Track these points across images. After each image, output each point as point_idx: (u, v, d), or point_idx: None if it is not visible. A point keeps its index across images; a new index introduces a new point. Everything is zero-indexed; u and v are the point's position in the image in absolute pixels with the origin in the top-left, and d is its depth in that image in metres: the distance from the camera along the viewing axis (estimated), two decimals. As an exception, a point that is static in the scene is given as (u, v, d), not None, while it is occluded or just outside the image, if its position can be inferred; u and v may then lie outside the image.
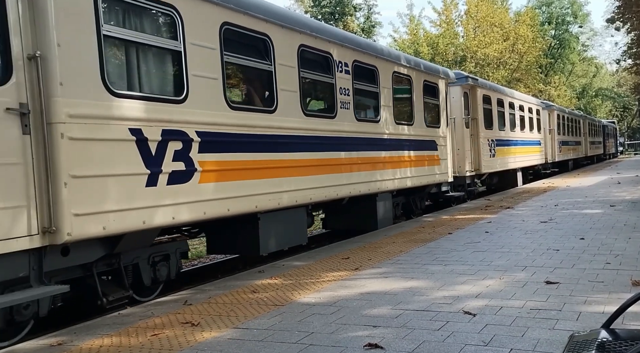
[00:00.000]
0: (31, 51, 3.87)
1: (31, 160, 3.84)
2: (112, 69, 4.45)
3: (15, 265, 3.79)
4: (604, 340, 1.55)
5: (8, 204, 3.67)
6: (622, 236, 6.43)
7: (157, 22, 4.89)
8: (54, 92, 3.93)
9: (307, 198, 6.63)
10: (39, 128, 3.88)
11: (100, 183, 4.20)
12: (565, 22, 48.50)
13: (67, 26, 4.00)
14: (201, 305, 4.36)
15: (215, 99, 5.33)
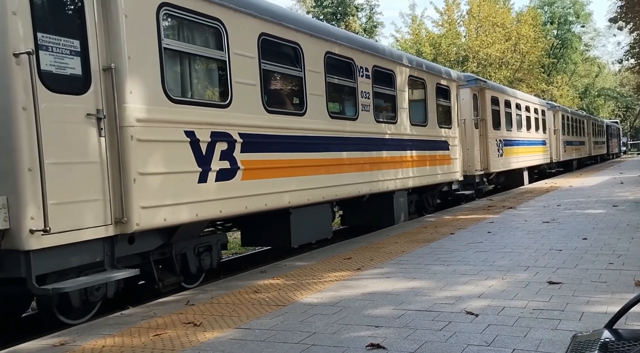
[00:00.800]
0: (106, 64, 4.44)
1: (105, 159, 4.41)
2: (170, 77, 5.01)
3: (93, 251, 4.38)
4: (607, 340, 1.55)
5: (88, 197, 4.25)
6: (625, 237, 6.42)
7: (205, 34, 5.47)
8: (125, 99, 4.50)
9: (332, 194, 7.17)
10: (113, 131, 4.45)
11: (161, 180, 4.76)
12: (568, 21, 48.44)
13: (135, 41, 4.57)
14: (203, 305, 4.37)
15: (254, 104, 5.90)
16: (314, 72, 6.87)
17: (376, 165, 8.17)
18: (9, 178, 3.90)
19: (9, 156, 3.89)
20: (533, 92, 31.98)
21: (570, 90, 45.68)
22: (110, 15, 4.45)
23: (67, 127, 4.16)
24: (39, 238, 3.93)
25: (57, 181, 4.03)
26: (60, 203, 4.06)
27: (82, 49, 4.30)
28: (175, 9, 5.00)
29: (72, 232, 4.14)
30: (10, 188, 3.90)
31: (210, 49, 5.49)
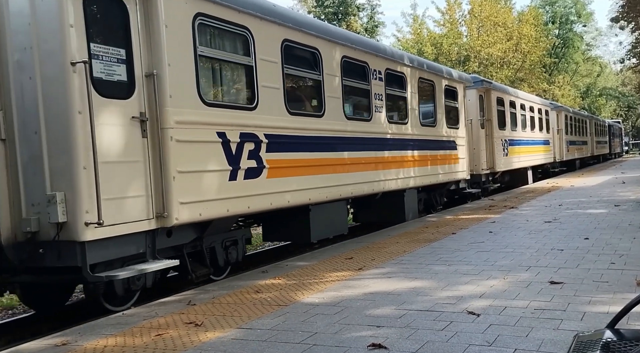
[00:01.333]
0: (148, 70, 4.85)
1: (148, 158, 4.82)
2: (203, 82, 5.42)
3: (137, 243, 4.77)
4: (609, 340, 1.55)
5: (133, 193, 4.65)
6: (626, 236, 6.42)
7: (234, 41, 5.90)
8: (166, 103, 4.91)
9: (348, 192, 7.57)
10: (154, 132, 4.85)
11: (197, 177, 5.17)
12: (569, 21, 48.44)
13: (174, 49, 4.99)
14: (205, 305, 4.38)
15: (278, 106, 6.32)
16: (331, 76, 7.30)
17: (389, 164, 8.59)
18: (66, 175, 4.31)
19: (67, 156, 4.30)
20: (534, 92, 31.98)
21: (572, 90, 45.62)
22: (152, 26, 4.87)
23: (115, 129, 4.58)
24: (93, 230, 4.33)
25: (108, 178, 4.44)
26: (111, 198, 4.47)
27: (127, 57, 4.73)
28: (208, 18, 5.41)
29: (121, 225, 4.55)
30: (67, 185, 4.30)
31: (239, 55, 5.92)
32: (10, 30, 4.38)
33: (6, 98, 4.40)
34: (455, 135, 11.25)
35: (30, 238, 4.38)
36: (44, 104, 4.33)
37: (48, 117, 4.33)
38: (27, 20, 4.31)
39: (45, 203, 4.30)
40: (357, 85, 8.02)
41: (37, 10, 4.29)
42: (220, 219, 5.53)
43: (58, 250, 4.34)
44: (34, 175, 4.37)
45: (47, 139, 4.35)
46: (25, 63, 4.35)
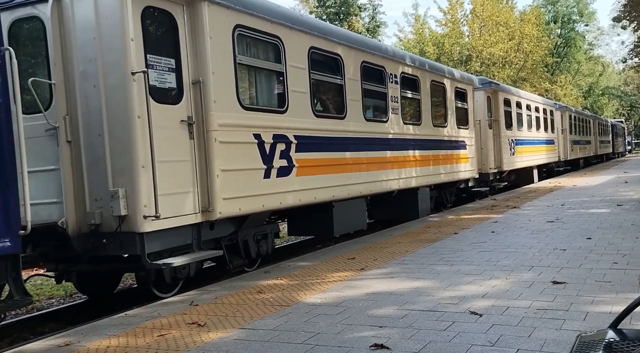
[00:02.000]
0: (195, 78, 5.39)
1: (194, 158, 5.36)
2: (241, 88, 5.94)
3: (186, 234, 5.31)
4: (612, 340, 1.55)
5: (182, 190, 5.20)
6: (629, 236, 6.42)
7: (267, 49, 6.44)
8: (210, 107, 5.44)
9: (368, 190, 8.11)
10: (200, 134, 5.39)
11: (237, 175, 5.70)
12: (571, 20, 48.49)
13: (217, 58, 5.52)
14: (207, 305, 4.40)
15: (305, 109, 6.85)
16: (352, 80, 7.82)
17: (404, 163, 9.15)
18: (127, 173, 4.83)
19: (128, 156, 4.82)
20: (537, 92, 31.99)
21: (574, 89, 45.55)
22: (198, 37, 5.41)
23: (167, 131, 5.12)
24: (151, 223, 4.86)
25: (163, 176, 4.97)
26: (166, 194, 5.01)
27: (177, 66, 5.28)
28: (245, 29, 5.97)
29: (173, 218, 5.10)
30: (128, 182, 4.82)
31: (271, 62, 6.46)
32: (77, 44, 4.93)
33: (72, 105, 4.96)
34: (464, 135, 11.79)
35: (93, 229, 4.93)
36: (107, 110, 4.87)
37: (111, 121, 4.87)
38: (92, 35, 4.86)
39: (108, 198, 4.85)
40: (375, 88, 8.53)
41: (102, 25, 4.83)
42: (256, 214, 6.11)
43: (120, 241, 4.87)
44: (97, 173, 4.92)
45: (109, 140, 4.88)
46: (90, 73, 4.90)
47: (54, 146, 4.91)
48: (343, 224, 7.61)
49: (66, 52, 4.96)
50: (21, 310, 6.71)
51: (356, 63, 7.97)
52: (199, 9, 5.39)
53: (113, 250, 4.92)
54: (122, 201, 4.79)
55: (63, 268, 5.41)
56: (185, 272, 5.58)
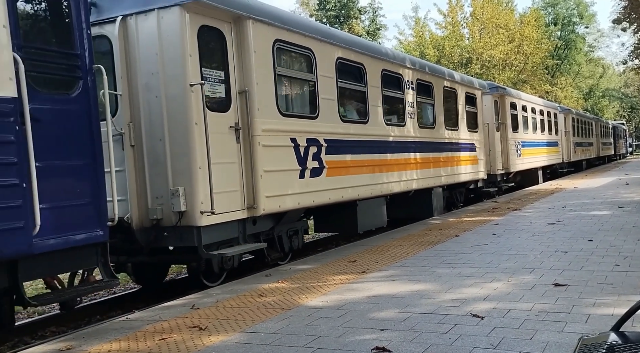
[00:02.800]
0: (241, 88, 6.08)
1: (240, 160, 6.02)
2: (280, 96, 6.61)
3: (234, 229, 6.00)
4: (614, 342, 1.55)
5: (232, 188, 5.88)
6: (630, 238, 6.43)
7: (301, 61, 7.14)
8: (255, 114, 6.11)
9: (388, 189, 8.79)
10: (246, 139, 6.07)
11: (277, 176, 6.35)
12: (572, 23, 48.69)
13: (260, 70, 6.21)
14: (208, 309, 4.40)
15: (333, 115, 7.54)
16: (374, 87, 8.50)
17: (420, 165, 9.82)
18: (185, 173, 5.50)
19: (187, 158, 5.49)
20: (537, 94, 32.02)
21: (575, 91, 45.58)
22: (244, 52, 6.10)
23: (218, 136, 5.78)
24: (207, 218, 5.54)
25: (216, 176, 5.64)
26: (219, 192, 5.66)
27: (226, 78, 5.97)
28: (283, 43, 6.66)
29: (225, 214, 5.77)
30: (186, 181, 5.49)
31: (304, 73, 7.18)
32: (141, 59, 5.60)
33: (135, 113, 5.60)
34: (475, 138, 12.52)
35: (155, 224, 5.58)
36: (167, 117, 5.53)
37: (171, 128, 5.53)
38: (154, 51, 5.53)
39: (169, 196, 5.50)
40: (394, 94, 9.23)
41: (163, 43, 5.51)
42: (293, 211, 6.80)
43: (180, 234, 5.55)
44: (158, 174, 5.56)
45: (170, 145, 5.55)
46: (153, 85, 5.56)
47: (119, 149, 5.51)
48: (366, 221, 8.30)
49: (131, 66, 5.63)
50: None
51: (377, 71, 8.66)
52: (244, 26, 6.10)
53: (173, 242, 5.64)
54: (181, 199, 5.46)
55: (124, 260, 5.98)
56: (230, 263, 6.23)
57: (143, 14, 5.55)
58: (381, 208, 8.83)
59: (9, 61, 3.78)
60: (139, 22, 5.58)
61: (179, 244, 5.63)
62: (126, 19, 5.61)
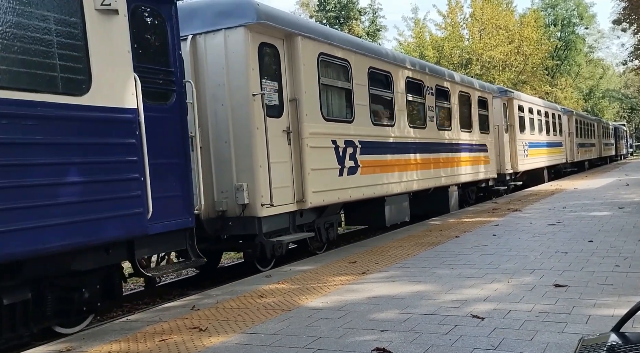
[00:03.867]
0: (292, 97, 7.02)
1: (291, 160, 6.96)
2: (323, 103, 7.55)
3: (286, 220, 6.91)
4: (614, 343, 1.55)
5: (283, 184, 6.79)
6: (631, 239, 6.44)
7: (339, 71, 8.08)
8: (303, 119, 7.06)
9: (411, 187, 9.73)
10: (296, 141, 7.02)
11: (321, 173, 7.29)
12: (571, 23, 48.98)
13: (308, 80, 7.17)
14: (208, 310, 4.41)
15: (366, 119, 8.47)
16: (399, 93, 9.48)
17: (439, 164, 10.77)
18: (248, 171, 6.42)
19: (249, 158, 6.42)
20: (537, 95, 32.08)
21: (575, 92, 45.62)
22: (294, 65, 7.06)
23: (274, 139, 6.71)
24: (266, 209, 6.47)
25: (273, 173, 6.55)
26: (276, 187, 6.59)
27: (279, 88, 6.91)
28: (325, 56, 7.63)
29: (280, 206, 6.70)
30: (249, 178, 6.41)
31: (342, 81, 8.09)
32: (209, 72, 6.51)
33: (203, 119, 6.50)
34: (486, 139, 13.53)
35: (220, 215, 6.50)
36: (232, 123, 6.46)
37: (235, 132, 6.46)
38: (221, 66, 6.46)
39: (234, 191, 6.43)
40: (416, 99, 10.22)
41: (229, 58, 6.44)
42: (333, 205, 7.78)
43: (243, 223, 6.46)
44: (223, 171, 6.50)
45: (234, 146, 6.47)
46: (219, 95, 6.48)
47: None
48: (393, 216, 9.23)
49: (199, 78, 6.52)
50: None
51: (402, 79, 9.65)
52: (295, 42, 7.06)
53: (237, 230, 6.54)
54: (245, 193, 6.36)
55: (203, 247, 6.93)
56: (280, 250, 7.08)
57: (211, 33, 6.49)
58: (405, 204, 9.76)
59: (133, 81, 4.80)
60: (207, 40, 6.52)
61: (242, 232, 6.56)
62: (196, 37, 6.54)
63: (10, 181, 3.82)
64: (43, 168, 4.03)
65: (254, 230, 6.42)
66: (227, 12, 6.38)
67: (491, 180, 14.15)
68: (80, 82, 4.42)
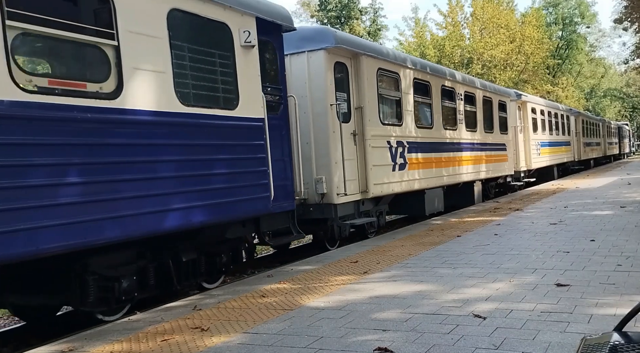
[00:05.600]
0: (357, 105, 8.67)
1: (357, 157, 8.61)
2: (380, 110, 9.15)
3: (353, 207, 8.55)
4: (616, 343, 1.56)
5: (352, 178, 8.44)
6: (633, 238, 6.45)
7: (391, 83, 9.71)
8: (366, 124, 8.70)
9: (445, 181, 11.38)
10: (360, 142, 8.65)
11: (379, 169, 8.94)
12: (573, 22, 49.32)
13: (369, 91, 8.82)
14: (210, 310, 4.42)
15: (412, 122, 10.15)
16: (436, 99, 11.17)
17: (466, 162, 12.43)
18: (326, 167, 8.07)
19: (327, 156, 8.06)
20: (538, 94, 32.09)
21: (576, 91, 45.59)
22: (359, 79, 8.72)
23: (345, 140, 8.36)
24: (341, 198, 8.15)
25: (345, 169, 8.26)
26: (348, 180, 8.28)
27: (348, 98, 8.59)
28: (382, 70, 9.29)
29: (350, 195, 8.39)
30: (326, 172, 8.05)
31: (394, 91, 9.79)
32: (293, 86, 8.02)
33: (292, 125, 7.94)
34: (505, 139, 15.23)
35: (302, 202, 8.02)
36: (313, 127, 8.10)
37: (315, 135, 8.09)
38: (304, 80, 8.10)
39: (314, 182, 8.05)
40: (449, 105, 11.90)
41: (310, 75, 8.09)
42: (387, 195, 9.43)
43: (322, 209, 8.11)
44: (306, 166, 8.02)
45: (314, 147, 8.09)
46: (302, 105, 8.04)
47: None
48: (430, 206, 10.81)
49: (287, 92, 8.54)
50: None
51: (438, 87, 11.35)
52: (360, 60, 8.77)
53: (317, 215, 8.14)
54: (323, 184, 7.97)
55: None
56: (345, 233, 8.56)
57: (296, 55, 8.11)
58: (440, 197, 11.38)
59: (261, 97, 6.47)
60: (292, 60, 8.11)
61: (320, 216, 8.18)
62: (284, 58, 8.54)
63: (209, 171, 5.54)
64: (217, 162, 5.72)
65: (330, 214, 8.10)
66: (309, 37, 8.11)
67: (509, 176, 15.95)
68: (233, 99, 6.15)
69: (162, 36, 5.16)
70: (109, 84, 4.71)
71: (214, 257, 6.15)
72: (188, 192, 5.27)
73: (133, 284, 5.10)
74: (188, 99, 5.47)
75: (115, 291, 4.92)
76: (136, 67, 4.89)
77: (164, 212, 5.01)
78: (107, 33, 4.67)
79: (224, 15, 5.94)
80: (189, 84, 5.54)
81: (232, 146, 5.94)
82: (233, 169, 5.89)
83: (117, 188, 4.58)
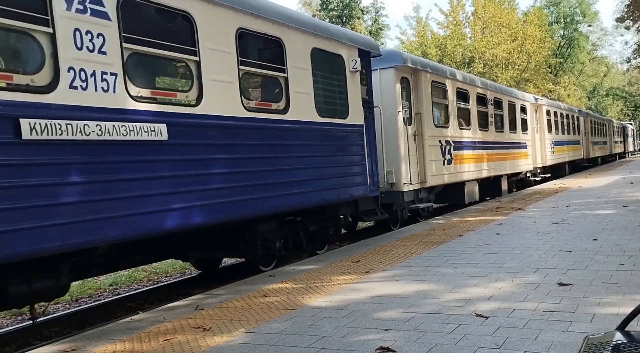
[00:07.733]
0: (417, 111, 11.17)
1: (416, 153, 11.07)
2: (433, 115, 11.58)
3: (414, 194, 10.98)
4: (619, 342, 1.56)
5: (414, 170, 10.91)
6: (635, 237, 6.46)
7: (440, 91, 12.14)
8: (424, 127, 11.20)
9: (478, 175, 13.73)
10: (419, 141, 11.17)
11: (434, 163, 11.43)
12: (574, 21, 49.71)
13: (426, 100, 11.26)
14: (212, 309, 4.45)
15: (456, 125, 12.57)
16: (455, 101, 13.11)
17: (494, 159, 14.70)
18: (395, 162, 10.37)
19: (396, 153, 10.36)
20: (540, 93, 32.12)
21: (578, 90, 45.59)
22: (418, 90, 11.11)
23: (408, 140, 10.77)
24: (407, 186, 10.56)
25: (411, 163, 10.72)
26: (412, 172, 10.73)
27: (410, 106, 11.06)
28: (435, 82, 11.71)
29: (414, 184, 10.83)
30: (395, 166, 10.37)
31: (442, 99, 12.09)
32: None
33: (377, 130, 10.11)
34: (526, 139, 17.62)
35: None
36: (384, 129, 10.21)
37: (386, 135, 10.26)
38: (377, 91, 10.31)
39: (384, 174, 10.23)
40: (482, 109, 14.38)
41: (382, 87, 10.40)
42: (439, 185, 11.84)
43: (391, 196, 10.40)
44: (378, 162, 9.94)
45: (385, 145, 10.25)
46: (376, 112, 10.40)
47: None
48: (469, 196, 13.16)
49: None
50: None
51: (474, 94, 13.82)
52: (420, 75, 11.23)
53: (387, 200, 10.30)
54: (393, 175, 10.20)
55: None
56: (405, 215, 10.77)
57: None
58: (476, 188, 13.81)
59: (361, 108, 8.71)
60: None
61: (389, 201, 10.37)
62: (359, 73, 11.89)
63: (335, 163, 7.79)
64: (339, 157, 7.96)
65: (398, 200, 10.42)
66: (382, 58, 10.13)
67: (528, 172, 18.41)
68: (344, 111, 8.47)
69: (307, 68, 7.53)
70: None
71: (327, 229, 8.41)
72: (325, 178, 7.68)
73: (281, 245, 7.34)
74: (321, 112, 7.82)
75: (271, 249, 7.12)
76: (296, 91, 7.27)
77: (313, 191, 7.32)
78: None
79: (340, 49, 8.34)
80: (321, 101, 7.86)
81: (345, 145, 8.37)
82: (348, 162, 8.28)
83: (283, 175, 6.71)
